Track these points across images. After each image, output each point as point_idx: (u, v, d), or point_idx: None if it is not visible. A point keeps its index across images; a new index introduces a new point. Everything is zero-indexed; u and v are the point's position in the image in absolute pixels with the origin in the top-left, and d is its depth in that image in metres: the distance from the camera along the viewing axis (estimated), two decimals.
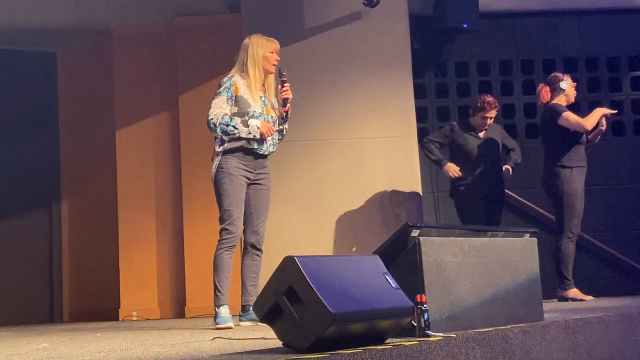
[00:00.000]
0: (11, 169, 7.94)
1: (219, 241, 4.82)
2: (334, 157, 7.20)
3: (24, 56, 8.03)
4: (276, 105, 5.05)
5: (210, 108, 4.82)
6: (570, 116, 6.29)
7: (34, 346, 3.96)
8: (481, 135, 6.70)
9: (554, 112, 6.35)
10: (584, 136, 6.36)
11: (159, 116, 7.67)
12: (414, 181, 7.23)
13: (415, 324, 3.15)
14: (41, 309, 7.97)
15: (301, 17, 7.29)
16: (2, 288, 7.81)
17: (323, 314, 2.72)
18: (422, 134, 7.51)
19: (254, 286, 5.01)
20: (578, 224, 6.35)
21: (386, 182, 7.18)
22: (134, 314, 7.14)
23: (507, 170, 6.74)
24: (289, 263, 2.84)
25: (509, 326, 3.62)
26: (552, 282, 6.21)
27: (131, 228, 7.37)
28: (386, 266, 3.21)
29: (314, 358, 2.58)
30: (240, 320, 4.96)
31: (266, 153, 4.96)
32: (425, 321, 3.15)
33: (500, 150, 6.82)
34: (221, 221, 4.85)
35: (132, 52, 7.60)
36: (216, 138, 4.89)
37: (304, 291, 2.77)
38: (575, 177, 6.32)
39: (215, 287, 4.84)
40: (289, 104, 5.00)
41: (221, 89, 4.87)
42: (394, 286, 3.12)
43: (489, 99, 6.69)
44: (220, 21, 7.48)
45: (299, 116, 7.24)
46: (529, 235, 4.16)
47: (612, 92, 8.05)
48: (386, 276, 3.15)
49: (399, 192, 7.18)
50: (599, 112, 6.35)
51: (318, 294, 2.74)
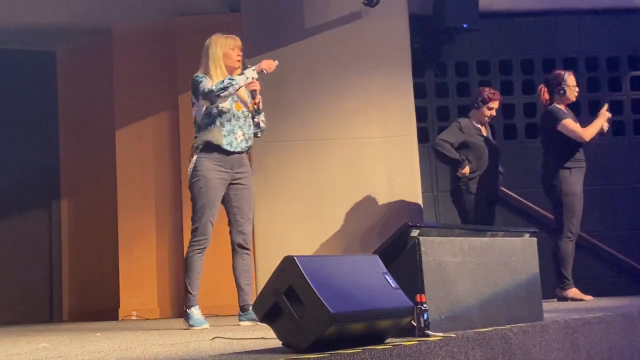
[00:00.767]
0: (11, 169, 7.94)
1: (190, 242, 4.89)
2: (334, 156, 7.19)
3: (24, 55, 8.03)
4: (249, 100, 5.05)
5: (200, 90, 4.84)
6: (569, 125, 6.29)
7: (33, 346, 3.96)
8: (484, 133, 6.66)
9: (553, 118, 6.35)
10: None
11: (158, 116, 7.67)
12: (413, 181, 7.23)
13: (415, 324, 3.15)
14: (41, 308, 7.98)
15: (301, 16, 7.29)
16: (2, 287, 7.81)
17: (323, 313, 2.72)
18: (421, 133, 7.51)
19: (249, 285, 5.06)
20: (577, 223, 6.35)
21: (386, 181, 7.18)
22: (134, 313, 7.14)
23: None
24: (288, 263, 2.84)
25: (508, 326, 3.63)
26: (551, 282, 6.21)
27: (131, 227, 7.37)
28: (386, 266, 3.21)
29: (313, 358, 2.58)
30: (239, 320, 4.98)
31: (237, 149, 4.93)
32: (424, 321, 3.15)
33: None
34: (192, 222, 4.90)
35: (132, 52, 7.60)
36: (194, 129, 4.94)
37: (304, 291, 2.78)
38: (573, 178, 6.32)
39: (186, 288, 4.90)
40: (258, 96, 5.01)
41: (200, 78, 4.91)
42: (393, 286, 3.12)
43: (492, 89, 6.71)
44: (221, 21, 7.47)
45: (299, 116, 7.26)
46: (528, 235, 4.16)
47: (611, 91, 8.05)
48: (386, 276, 3.15)
49: (398, 191, 7.18)
50: (599, 123, 6.35)
51: (318, 293, 2.75)
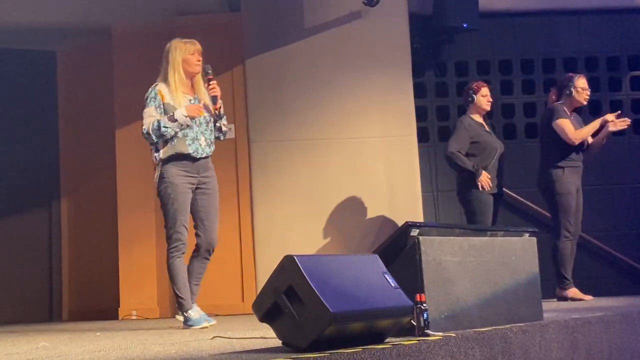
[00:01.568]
0: (11, 168, 7.93)
1: (168, 250, 4.90)
2: (334, 156, 7.20)
3: (24, 55, 8.02)
4: (211, 105, 5.04)
5: (142, 120, 4.90)
6: (563, 124, 6.29)
7: (33, 345, 3.97)
8: (487, 129, 6.62)
9: (552, 114, 6.37)
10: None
11: None
12: (413, 180, 7.23)
13: (415, 324, 3.15)
14: (40, 307, 7.97)
15: (301, 16, 7.30)
16: (1, 287, 7.80)
17: (322, 313, 2.72)
18: (421, 133, 7.51)
19: (197, 285, 5.06)
20: (575, 222, 6.35)
21: (386, 181, 7.18)
22: (134, 313, 7.13)
23: None
24: (288, 262, 2.84)
25: (508, 325, 3.63)
26: (551, 282, 6.21)
27: (131, 227, 7.36)
28: (386, 265, 3.22)
29: (313, 357, 2.58)
30: (176, 316, 5.00)
31: (203, 155, 4.95)
32: (424, 320, 3.15)
33: None
34: (167, 229, 4.91)
35: (132, 51, 7.58)
36: (151, 149, 4.95)
37: (304, 290, 2.78)
38: (567, 177, 6.32)
39: (177, 295, 4.90)
40: (219, 102, 5.00)
41: (148, 100, 4.93)
42: (393, 285, 3.12)
43: (476, 81, 6.70)
44: (221, 20, 7.47)
45: (298, 115, 7.26)
46: (528, 234, 4.17)
47: (611, 91, 8.05)
48: (386, 275, 3.15)
49: (398, 191, 7.18)
50: (592, 126, 6.36)
51: (317, 293, 2.75)
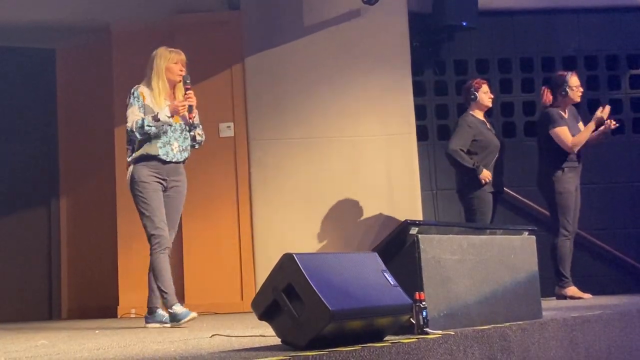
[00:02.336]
0: (10, 166, 7.92)
1: (150, 248, 4.95)
2: (333, 155, 7.20)
3: (23, 53, 8.01)
4: (187, 114, 5.13)
5: (127, 118, 5.01)
6: (560, 133, 6.31)
7: (32, 343, 3.97)
8: (489, 126, 6.62)
9: (548, 121, 6.38)
10: None
11: None
12: (412, 179, 7.23)
13: (414, 322, 3.15)
14: (40, 306, 7.97)
15: (300, 14, 7.29)
16: (1, 285, 7.80)
17: (321, 311, 2.72)
18: (421, 131, 7.51)
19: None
20: (573, 221, 6.37)
21: (385, 179, 7.18)
22: (133, 311, 7.12)
23: None
24: (287, 260, 2.85)
25: (507, 324, 3.63)
26: (550, 280, 6.22)
27: (130, 225, 7.34)
28: (385, 263, 3.22)
29: (312, 355, 2.58)
30: (146, 322, 5.00)
31: (174, 160, 5.05)
32: (423, 319, 3.15)
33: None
34: (146, 228, 4.97)
35: (132, 50, 7.57)
36: (127, 149, 5.05)
37: (303, 288, 2.78)
38: (567, 176, 6.34)
39: (162, 291, 4.93)
40: (195, 111, 5.12)
41: (131, 100, 5.06)
42: (392, 283, 3.12)
43: (476, 79, 6.69)
44: (220, 18, 7.47)
45: (298, 113, 7.26)
46: (527, 233, 4.17)
47: (610, 90, 8.05)
48: (385, 273, 3.15)
49: (397, 189, 7.18)
50: (589, 129, 6.37)
51: (317, 291, 2.75)
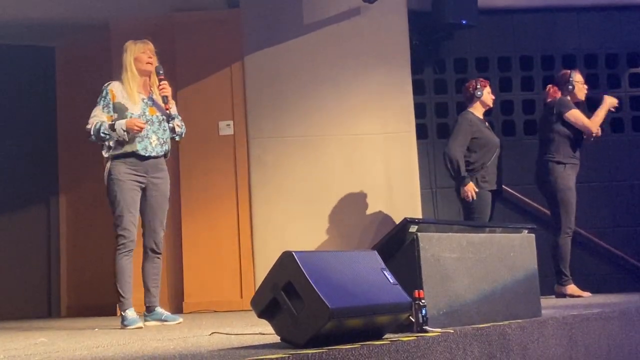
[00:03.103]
0: (9, 164, 7.92)
1: (115, 248, 4.92)
2: (332, 153, 7.20)
3: (22, 51, 8.01)
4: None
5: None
6: (578, 115, 6.33)
7: (31, 341, 3.97)
8: (487, 125, 6.63)
9: (562, 106, 6.37)
10: (583, 134, 6.39)
11: None
12: (412, 177, 7.23)
13: (413, 320, 3.15)
14: (39, 303, 7.97)
15: (300, 12, 7.29)
16: (0, 283, 7.80)
17: (321, 309, 2.72)
18: (420, 130, 7.51)
19: (156, 287, 5.09)
20: (573, 219, 6.37)
21: (384, 178, 7.18)
22: (133, 309, 7.12)
23: None
24: (287, 258, 2.84)
25: (506, 322, 3.63)
26: (549, 278, 6.22)
27: None
28: (384, 261, 3.22)
29: (311, 353, 2.58)
30: (145, 321, 5.00)
31: (153, 154, 4.98)
32: (423, 317, 3.15)
33: None
34: (114, 227, 4.94)
35: None
36: (102, 146, 5.00)
37: (302, 286, 2.78)
38: (567, 173, 6.35)
39: (118, 293, 4.91)
40: (169, 102, 5.04)
41: (98, 99, 5.02)
42: (392, 282, 3.12)
43: (478, 78, 6.69)
44: (220, 17, 7.46)
45: (297, 112, 7.26)
46: (527, 231, 4.17)
47: (610, 88, 8.04)
48: (384, 272, 3.15)
49: (397, 187, 7.18)
50: (603, 110, 6.40)
51: (316, 289, 2.75)
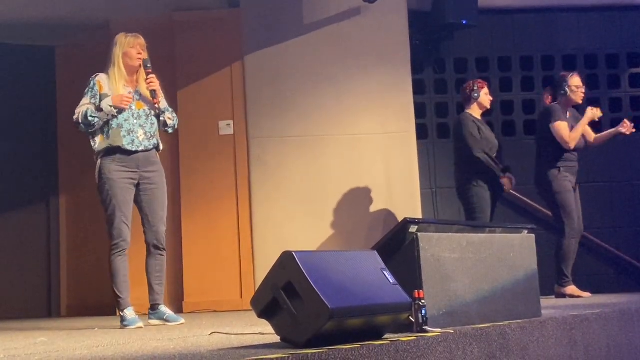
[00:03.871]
0: (9, 164, 7.92)
1: (110, 248, 4.91)
2: (332, 152, 7.20)
3: (23, 50, 8.00)
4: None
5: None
6: (560, 128, 6.33)
7: (31, 340, 3.96)
8: (485, 125, 6.63)
9: (549, 115, 6.39)
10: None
11: None
12: (412, 177, 7.23)
13: (413, 320, 3.15)
14: (39, 303, 7.96)
15: (300, 12, 7.29)
16: (0, 283, 7.80)
17: (321, 309, 2.72)
18: (420, 130, 7.51)
19: (160, 285, 5.06)
20: (578, 220, 6.37)
21: (384, 178, 7.18)
22: (132, 308, 7.12)
23: None
24: (287, 258, 2.84)
25: (506, 322, 3.63)
26: (549, 279, 6.22)
27: None
28: (384, 262, 3.22)
29: (311, 353, 2.58)
30: (149, 319, 4.99)
31: (140, 148, 4.91)
32: (423, 317, 3.15)
33: None
34: (107, 227, 4.92)
35: None
36: (89, 137, 4.96)
37: (302, 286, 2.78)
38: (563, 175, 6.36)
39: (115, 293, 4.90)
40: (158, 95, 4.98)
41: (85, 90, 4.98)
42: (392, 282, 3.12)
43: (476, 79, 6.69)
44: (220, 16, 7.46)
45: (297, 111, 7.26)
46: (527, 231, 4.17)
47: (610, 89, 8.05)
48: (384, 272, 3.15)
49: (397, 187, 7.18)
50: (582, 124, 6.41)
51: (316, 289, 2.75)
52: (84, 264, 7.80)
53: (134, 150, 4.88)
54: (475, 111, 6.55)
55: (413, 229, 3.42)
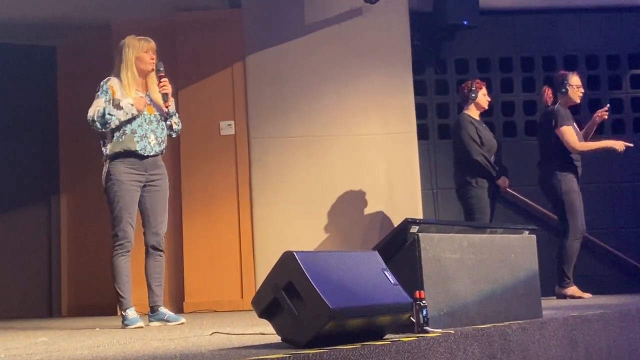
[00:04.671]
0: (10, 164, 7.93)
1: (112, 248, 4.91)
2: (333, 153, 7.20)
3: (24, 50, 8.01)
4: (163, 103, 5.02)
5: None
6: (567, 132, 6.33)
7: (32, 340, 3.96)
8: (484, 125, 6.64)
9: (555, 119, 6.37)
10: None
11: None
12: (413, 178, 7.23)
13: (414, 320, 3.15)
14: (40, 303, 7.97)
15: (301, 12, 7.29)
16: (1, 282, 7.80)
17: (322, 309, 2.72)
18: (421, 130, 7.51)
19: (159, 286, 5.06)
20: (583, 222, 6.37)
21: (385, 178, 7.18)
22: (134, 309, 7.13)
23: None
24: (288, 258, 2.84)
25: (507, 323, 3.63)
26: (550, 280, 6.21)
27: None
28: (385, 262, 3.21)
29: (312, 353, 2.58)
30: (149, 321, 4.99)
31: (152, 153, 4.94)
32: (423, 317, 3.15)
33: None
34: (112, 227, 4.92)
35: None
36: (101, 142, 4.95)
37: (303, 286, 2.78)
38: (570, 176, 6.36)
39: (117, 293, 4.91)
40: (169, 99, 4.98)
41: (99, 92, 4.93)
42: (392, 282, 3.12)
43: (475, 80, 6.70)
44: (221, 16, 7.46)
45: (298, 112, 7.26)
46: (527, 232, 4.17)
47: (611, 90, 8.05)
48: (385, 272, 3.15)
49: (398, 188, 7.18)
50: (602, 144, 6.43)
51: (317, 289, 2.75)
52: (84, 263, 7.80)
53: (146, 155, 4.92)
54: (473, 112, 6.57)
55: (414, 229, 3.42)
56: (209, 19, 7.40)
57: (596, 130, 6.70)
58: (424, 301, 3.16)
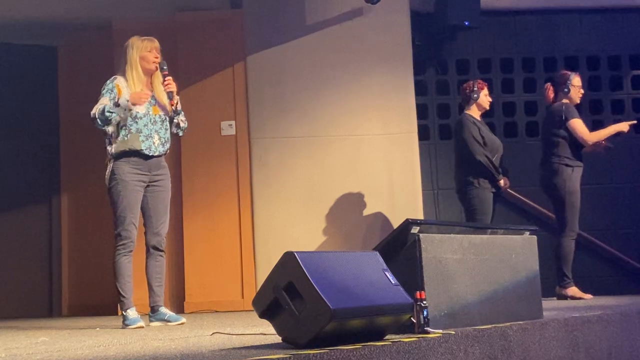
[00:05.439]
0: (11, 164, 7.93)
1: (115, 247, 4.92)
2: (334, 153, 7.20)
3: (25, 50, 8.01)
4: (168, 103, 5.03)
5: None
6: (578, 125, 6.34)
7: (33, 340, 3.97)
8: (486, 126, 6.65)
9: (566, 113, 6.37)
10: None
11: None
12: (413, 178, 7.23)
13: (415, 321, 3.15)
14: (40, 303, 7.97)
15: (302, 13, 7.29)
16: (1, 282, 7.80)
17: (322, 309, 2.72)
18: (422, 131, 7.51)
19: (160, 286, 5.07)
20: (577, 222, 6.38)
21: (386, 179, 7.18)
22: (135, 309, 7.13)
23: None
24: (288, 259, 2.84)
25: (508, 323, 3.63)
26: (551, 280, 6.22)
27: None
28: (386, 262, 3.22)
29: (313, 353, 2.58)
30: (150, 321, 4.99)
31: (156, 154, 4.96)
32: (424, 318, 3.15)
33: None
34: (114, 227, 4.93)
35: None
36: (105, 141, 4.95)
37: (304, 287, 2.78)
38: (575, 176, 6.36)
39: (119, 293, 4.91)
40: (175, 98, 4.99)
41: (104, 91, 4.95)
42: (393, 282, 3.12)
43: (476, 80, 6.70)
44: (222, 17, 7.46)
45: (299, 112, 7.26)
46: (528, 233, 4.17)
47: (612, 90, 8.05)
48: (386, 272, 3.15)
49: (398, 188, 7.18)
50: (608, 131, 6.43)
51: (317, 289, 2.75)
52: (85, 263, 7.80)
53: (150, 155, 4.94)
54: (474, 112, 6.57)
55: (415, 230, 3.42)
56: (209, 19, 7.40)
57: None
58: (424, 302, 3.16)
